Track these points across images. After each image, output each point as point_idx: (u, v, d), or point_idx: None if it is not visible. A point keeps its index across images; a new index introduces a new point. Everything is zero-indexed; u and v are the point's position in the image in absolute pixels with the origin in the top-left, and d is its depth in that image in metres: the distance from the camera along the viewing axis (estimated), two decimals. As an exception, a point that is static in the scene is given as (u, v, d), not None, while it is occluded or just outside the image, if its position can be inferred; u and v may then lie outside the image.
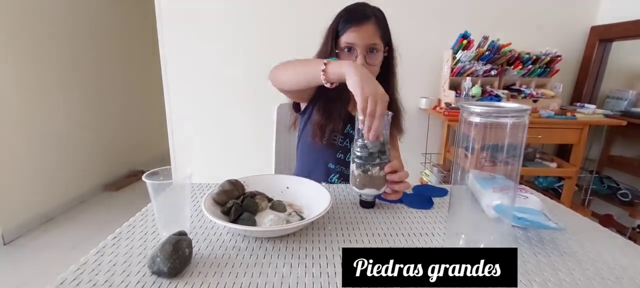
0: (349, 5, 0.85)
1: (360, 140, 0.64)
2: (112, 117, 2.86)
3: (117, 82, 2.90)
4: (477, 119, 0.44)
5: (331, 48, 0.85)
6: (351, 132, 0.93)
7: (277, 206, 0.63)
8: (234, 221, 0.55)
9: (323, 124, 0.89)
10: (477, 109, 0.44)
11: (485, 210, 0.51)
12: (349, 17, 0.83)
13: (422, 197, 0.71)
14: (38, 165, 2.19)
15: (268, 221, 0.55)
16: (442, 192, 0.76)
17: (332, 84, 0.70)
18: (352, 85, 0.61)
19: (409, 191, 0.75)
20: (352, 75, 0.62)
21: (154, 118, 3.15)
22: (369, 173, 0.64)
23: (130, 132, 3.09)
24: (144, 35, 3.09)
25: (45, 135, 2.24)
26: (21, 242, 1.99)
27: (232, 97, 1.92)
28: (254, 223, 0.56)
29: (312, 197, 0.66)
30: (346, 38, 0.82)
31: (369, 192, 0.65)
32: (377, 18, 0.83)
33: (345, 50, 0.84)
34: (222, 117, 1.95)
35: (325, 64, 0.68)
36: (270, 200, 0.65)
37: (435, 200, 0.71)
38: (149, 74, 3.14)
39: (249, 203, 0.60)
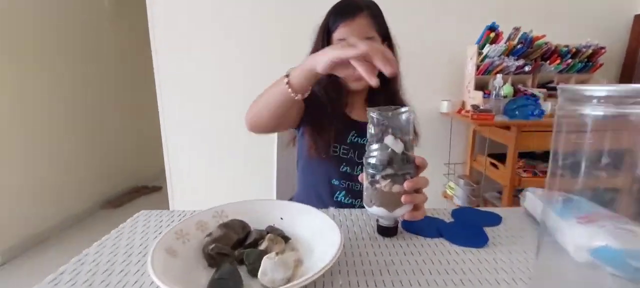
0: (340, 0, 0.79)
1: (374, 145, 0.49)
2: (110, 135, 2.85)
3: (116, 99, 2.90)
4: (598, 112, 0.25)
5: (322, 48, 0.73)
6: (356, 140, 0.80)
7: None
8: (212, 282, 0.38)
9: (316, 136, 0.79)
10: (599, 92, 0.25)
11: (572, 251, 0.34)
12: (339, 12, 0.76)
13: (470, 229, 0.51)
14: (33, 184, 2.15)
15: (264, 273, 0.38)
16: (494, 220, 0.56)
17: (302, 94, 0.59)
18: (332, 56, 0.50)
19: (423, 211, 0.55)
20: (321, 54, 0.52)
21: (152, 134, 3.12)
22: (378, 185, 0.48)
23: (128, 150, 3.08)
24: (142, 54, 3.10)
25: (41, 154, 2.21)
26: (17, 262, 1.93)
27: (230, 112, 1.79)
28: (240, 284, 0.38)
29: (315, 230, 0.47)
30: (338, 34, 0.75)
31: (382, 213, 0.48)
32: (371, 9, 0.76)
33: None
34: (221, 133, 1.84)
35: (287, 75, 0.58)
36: (287, 240, 0.48)
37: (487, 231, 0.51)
38: (147, 91, 3.13)
39: (250, 254, 0.42)
